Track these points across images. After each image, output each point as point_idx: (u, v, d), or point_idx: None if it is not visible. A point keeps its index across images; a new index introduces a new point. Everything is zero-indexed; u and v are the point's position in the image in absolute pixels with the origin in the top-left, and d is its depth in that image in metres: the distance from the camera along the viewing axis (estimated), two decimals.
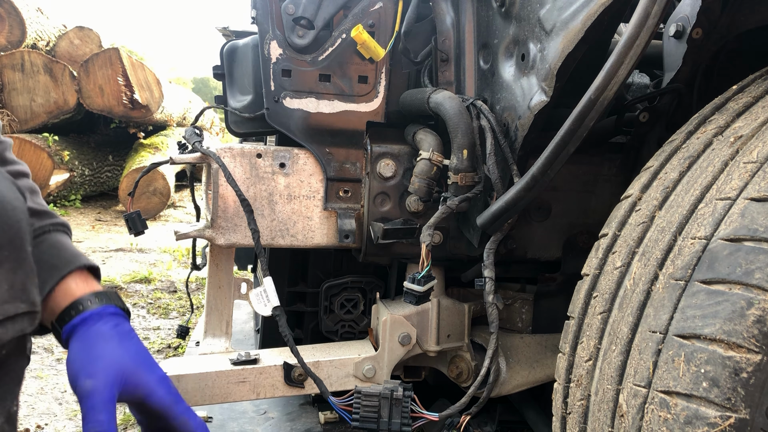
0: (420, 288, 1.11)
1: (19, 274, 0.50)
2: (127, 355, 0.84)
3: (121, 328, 0.87)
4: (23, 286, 0.50)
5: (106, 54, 5.61)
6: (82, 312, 0.84)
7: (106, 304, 0.87)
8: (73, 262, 0.87)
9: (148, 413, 0.87)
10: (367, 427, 1.11)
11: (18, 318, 0.49)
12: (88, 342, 0.83)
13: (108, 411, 0.79)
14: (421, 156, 1.18)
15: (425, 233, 1.13)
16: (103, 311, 0.86)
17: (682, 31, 1.07)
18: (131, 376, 0.83)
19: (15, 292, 0.48)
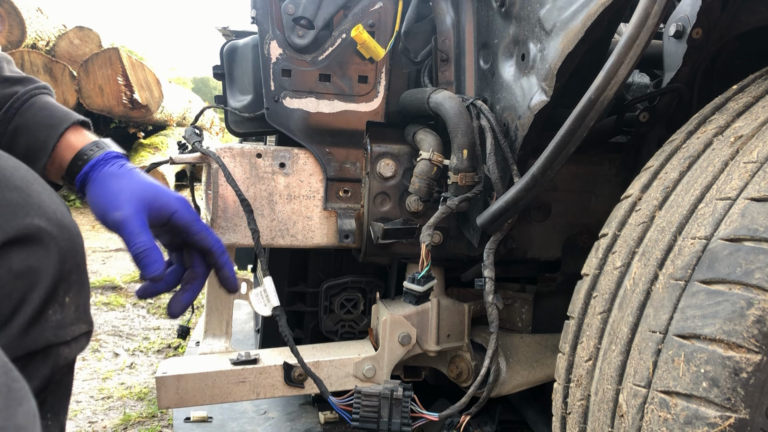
0: (420, 288, 1.11)
1: (83, 296, 0.52)
2: (144, 185, 0.92)
3: (127, 166, 0.94)
4: (85, 307, 0.53)
5: (105, 54, 5.61)
6: (89, 160, 0.91)
7: (108, 150, 0.94)
8: (67, 119, 0.93)
9: (172, 232, 0.97)
10: (367, 427, 1.11)
11: (81, 338, 0.52)
12: (105, 182, 0.91)
13: (146, 232, 0.88)
14: (422, 156, 1.18)
15: (425, 233, 1.13)
16: (107, 155, 0.93)
17: (682, 31, 1.07)
18: (154, 201, 0.91)
19: (80, 314, 0.51)
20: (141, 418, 1.98)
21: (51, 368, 0.48)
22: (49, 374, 0.47)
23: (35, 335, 0.46)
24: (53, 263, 0.47)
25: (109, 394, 2.16)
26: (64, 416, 0.53)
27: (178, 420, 1.71)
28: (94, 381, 2.28)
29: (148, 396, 2.14)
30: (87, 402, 2.09)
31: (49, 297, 0.47)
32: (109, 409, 2.05)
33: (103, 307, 3.10)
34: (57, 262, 0.47)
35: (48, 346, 0.47)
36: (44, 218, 0.47)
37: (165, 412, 2.00)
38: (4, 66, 0.92)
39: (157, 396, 1.20)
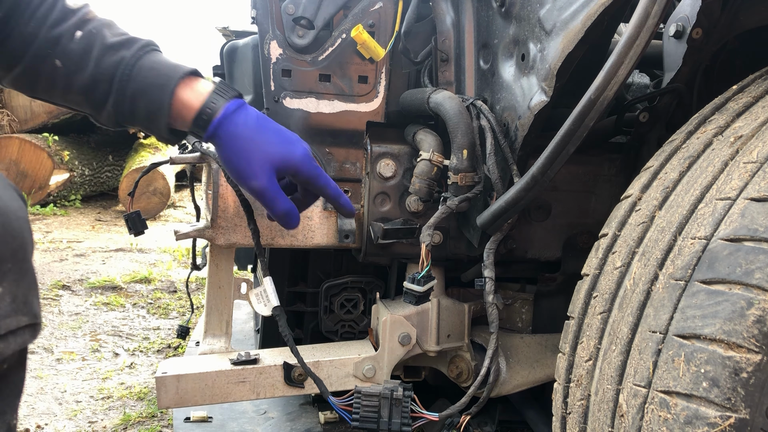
0: (420, 288, 1.11)
1: (22, 287, 0.49)
2: (274, 146, 1.00)
3: (251, 116, 1.00)
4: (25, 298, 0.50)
5: None
6: (212, 119, 0.96)
7: (226, 104, 0.98)
8: (174, 76, 0.96)
9: (299, 182, 1.08)
10: (367, 427, 1.11)
11: (20, 331, 0.48)
12: (235, 146, 0.98)
13: (281, 196, 1.01)
14: (422, 156, 1.18)
15: (425, 233, 1.13)
16: (227, 112, 0.97)
17: (682, 31, 1.07)
18: (282, 164, 1.00)
19: (17, 305, 0.48)
20: (141, 418, 1.98)
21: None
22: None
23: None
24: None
25: (109, 394, 2.17)
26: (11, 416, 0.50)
27: (178, 420, 1.71)
28: (94, 381, 2.28)
29: (148, 396, 2.14)
30: (87, 402, 2.09)
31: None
32: (109, 409, 2.05)
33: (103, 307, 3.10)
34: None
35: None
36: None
37: (165, 412, 2.00)
38: (106, 33, 0.94)
39: (157, 396, 1.20)
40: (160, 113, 0.95)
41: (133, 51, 0.95)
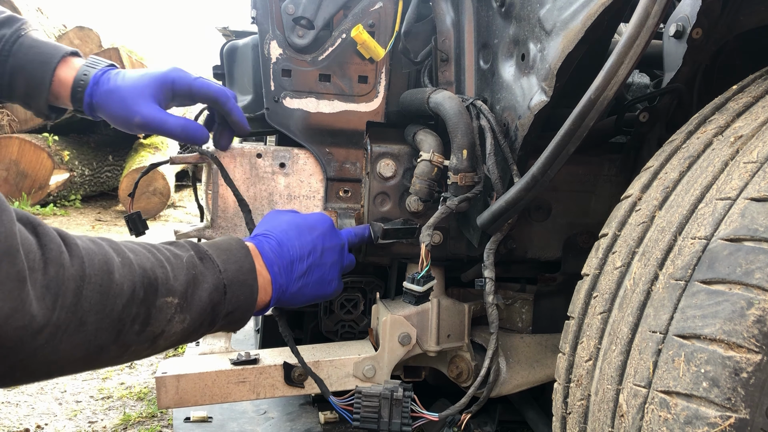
0: (419, 288, 1.11)
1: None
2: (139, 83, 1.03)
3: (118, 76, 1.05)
4: None
5: (106, 54, 5.61)
6: (85, 88, 1.02)
7: (95, 72, 1.04)
8: (56, 54, 1.01)
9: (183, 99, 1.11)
10: (368, 427, 1.11)
11: None
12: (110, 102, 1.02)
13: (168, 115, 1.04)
14: (422, 157, 1.18)
15: (425, 233, 1.13)
16: (95, 78, 1.03)
17: (682, 31, 1.07)
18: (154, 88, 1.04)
19: None
20: (141, 418, 1.98)
21: None
22: None
23: None
24: None
25: (109, 394, 2.16)
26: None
27: (178, 420, 1.71)
28: (94, 381, 2.28)
29: (148, 396, 2.14)
30: (87, 402, 2.09)
31: None
32: (109, 409, 2.05)
33: None
34: None
35: None
36: None
37: (165, 412, 2.00)
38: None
39: (157, 396, 1.20)
40: (41, 89, 1.00)
41: (13, 29, 0.99)
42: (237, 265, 0.94)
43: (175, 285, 0.83)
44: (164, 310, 0.81)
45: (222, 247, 0.95)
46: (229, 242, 0.98)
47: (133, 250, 0.81)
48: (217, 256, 0.92)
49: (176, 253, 0.87)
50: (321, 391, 1.20)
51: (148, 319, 0.79)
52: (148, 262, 0.80)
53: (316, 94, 1.26)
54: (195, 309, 0.86)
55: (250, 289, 0.95)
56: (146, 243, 0.87)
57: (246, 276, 0.95)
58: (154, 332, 0.81)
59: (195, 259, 0.88)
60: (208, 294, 0.88)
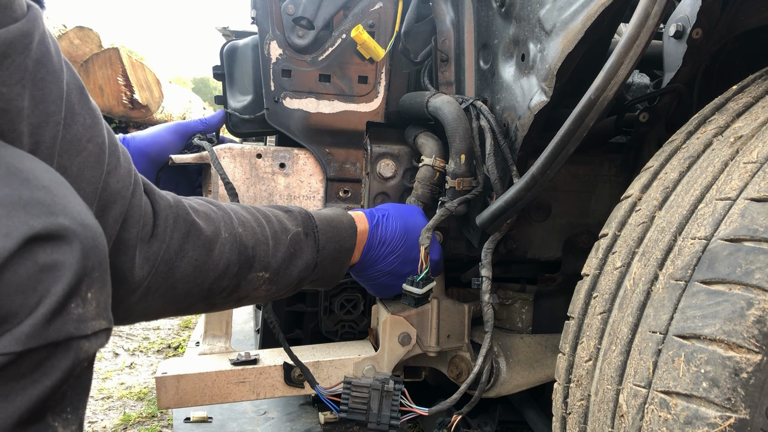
0: (418, 290, 1.11)
1: (104, 294, 0.54)
2: None
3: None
4: (105, 304, 0.55)
5: (106, 54, 5.61)
6: None
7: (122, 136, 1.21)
8: None
9: None
10: (355, 418, 1.09)
11: (100, 333, 0.54)
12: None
13: None
14: (424, 162, 1.18)
15: (424, 235, 1.13)
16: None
17: (682, 31, 1.07)
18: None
19: (100, 310, 0.53)
20: (141, 418, 1.98)
21: (72, 361, 0.49)
22: (69, 366, 0.49)
23: (58, 326, 0.48)
24: (77, 259, 0.49)
25: (109, 394, 2.17)
26: (83, 411, 0.56)
27: (178, 420, 1.71)
28: (95, 381, 2.28)
29: (148, 396, 2.14)
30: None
31: (72, 291, 0.49)
32: (109, 409, 2.05)
33: None
34: (80, 258, 0.49)
35: (69, 338, 0.49)
36: (69, 217, 0.50)
37: (165, 412, 2.00)
38: None
39: (157, 396, 1.20)
40: None
41: None
42: (337, 245, 1.01)
43: (272, 262, 0.91)
44: (254, 282, 0.90)
45: (332, 223, 1.03)
46: (341, 219, 1.04)
47: (244, 223, 0.88)
48: (323, 233, 1.00)
49: (285, 227, 0.95)
50: (308, 381, 1.18)
51: (237, 288, 0.88)
52: (253, 238, 0.88)
53: (316, 95, 1.26)
54: (283, 282, 0.95)
55: (340, 266, 1.03)
56: (265, 211, 0.96)
57: (342, 255, 1.02)
58: (240, 296, 0.91)
59: (300, 236, 0.96)
60: (299, 271, 0.96)
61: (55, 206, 0.49)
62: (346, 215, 1.06)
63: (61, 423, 0.50)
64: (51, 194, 0.49)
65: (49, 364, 0.47)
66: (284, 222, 0.96)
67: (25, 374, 0.46)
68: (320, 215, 1.02)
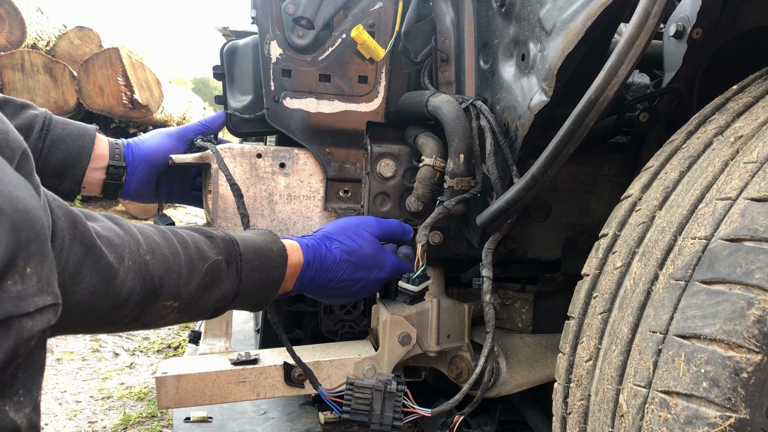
0: (414, 288, 1.11)
1: (45, 268, 0.51)
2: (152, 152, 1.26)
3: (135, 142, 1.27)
4: (48, 279, 0.52)
5: (106, 54, 5.61)
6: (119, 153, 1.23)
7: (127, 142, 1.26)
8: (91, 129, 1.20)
9: None
10: (358, 419, 1.09)
11: (45, 310, 0.51)
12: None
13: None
14: (424, 162, 1.18)
15: (421, 233, 1.13)
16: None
17: (682, 31, 1.07)
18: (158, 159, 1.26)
19: (42, 285, 0.51)
20: (141, 418, 1.98)
21: (14, 341, 0.47)
22: (12, 347, 0.47)
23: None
24: (6, 233, 0.46)
25: (109, 394, 2.17)
26: (37, 393, 0.53)
27: (178, 420, 1.71)
28: (94, 381, 2.28)
29: (148, 396, 2.14)
30: (87, 402, 2.09)
31: (5, 267, 0.46)
32: (109, 409, 2.05)
33: None
34: (10, 231, 0.47)
35: (8, 318, 0.46)
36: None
37: (165, 412, 2.00)
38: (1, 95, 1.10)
39: (157, 396, 1.20)
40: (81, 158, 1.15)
41: (41, 110, 1.13)
42: (264, 274, 0.95)
43: (182, 292, 0.85)
44: (160, 310, 0.83)
45: (259, 252, 0.97)
46: (270, 247, 0.99)
47: (154, 249, 0.82)
48: (247, 262, 0.94)
49: (203, 254, 0.89)
50: (310, 382, 1.18)
51: (140, 315, 0.81)
52: (163, 266, 0.82)
53: (316, 94, 1.26)
54: (195, 311, 0.88)
55: (267, 294, 0.97)
56: (183, 235, 0.89)
57: (268, 284, 0.96)
58: (145, 323, 0.84)
59: (221, 264, 0.90)
60: (215, 301, 0.90)
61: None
62: (277, 243, 1.01)
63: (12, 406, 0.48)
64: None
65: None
66: (203, 249, 0.89)
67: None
68: (247, 243, 0.96)
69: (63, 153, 1.14)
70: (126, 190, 1.24)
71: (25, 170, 0.59)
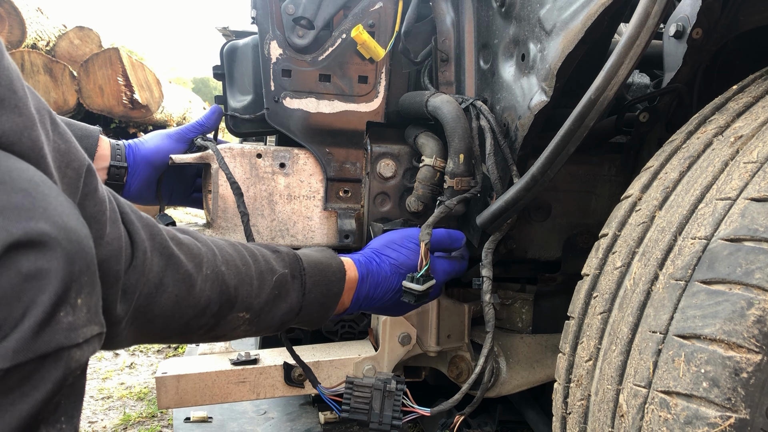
0: (419, 287, 1.11)
1: (93, 297, 0.52)
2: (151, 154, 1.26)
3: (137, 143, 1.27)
4: (96, 308, 0.52)
5: (106, 54, 5.61)
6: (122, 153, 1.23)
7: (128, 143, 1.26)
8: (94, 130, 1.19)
9: None
10: (357, 418, 1.09)
11: (92, 339, 0.51)
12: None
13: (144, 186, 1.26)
14: (424, 162, 1.18)
15: (423, 232, 1.13)
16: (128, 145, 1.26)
17: (682, 31, 1.07)
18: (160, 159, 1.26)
19: (91, 315, 0.51)
20: (141, 418, 1.98)
21: (63, 371, 0.47)
22: (61, 377, 0.47)
23: (47, 338, 0.46)
24: (62, 265, 0.47)
25: (109, 394, 2.16)
26: (77, 419, 0.54)
27: (178, 420, 1.71)
28: (94, 381, 2.28)
29: (148, 396, 2.14)
30: (87, 402, 2.09)
31: (59, 299, 0.47)
32: (109, 409, 2.05)
33: None
34: (65, 263, 0.47)
35: (60, 349, 0.47)
36: (49, 221, 0.47)
37: (165, 412, 2.00)
38: None
39: (157, 396, 1.20)
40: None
41: None
42: (324, 289, 0.97)
43: (254, 303, 0.86)
44: (233, 321, 0.85)
45: (320, 266, 0.98)
46: (330, 263, 1.00)
47: (228, 261, 0.83)
48: (310, 276, 0.95)
49: (272, 267, 0.90)
50: (309, 380, 1.18)
51: (215, 326, 0.83)
52: (236, 277, 0.83)
53: (316, 95, 1.26)
54: (264, 324, 0.90)
55: (326, 310, 0.99)
56: (252, 248, 0.90)
57: (328, 299, 0.98)
58: (218, 335, 0.86)
59: (287, 278, 0.91)
60: (282, 314, 0.91)
61: (34, 210, 0.47)
62: (336, 259, 1.02)
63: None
64: (30, 197, 0.47)
65: (38, 377, 0.46)
66: (271, 262, 0.91)
67: (14, 389, 0.44)
68: (309, 258, 0.98)
69: None
70: (127, 191, 1.24)
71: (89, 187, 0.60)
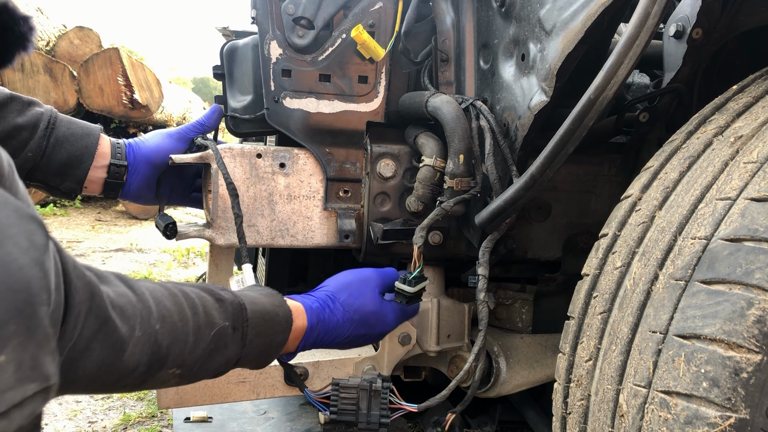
0: (410, 289, 1.11)
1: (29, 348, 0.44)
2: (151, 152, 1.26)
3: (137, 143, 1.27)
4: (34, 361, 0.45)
5: (106, 54, 5.61)
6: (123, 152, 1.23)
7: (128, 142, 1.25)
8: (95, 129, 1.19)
9: None
10: (345, 419, 1.09)
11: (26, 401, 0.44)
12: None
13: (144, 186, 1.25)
14: (424, 162, 1.18)
15: (418, 234, 1.13)
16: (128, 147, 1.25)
17: (682, 31, 1.07)
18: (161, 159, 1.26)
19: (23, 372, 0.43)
20: (141, 418, 1.98)
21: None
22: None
23: None
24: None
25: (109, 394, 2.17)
26: None
27: (178, 420, 1.71)
28: None
29: (148, 396, 2.14)
30: (87, 402, 2.09)
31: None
32: (109, 409, 2.05)
33: None
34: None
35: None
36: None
37: (165, 412, 2.00)
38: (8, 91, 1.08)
39: (157, 396, 1.20)
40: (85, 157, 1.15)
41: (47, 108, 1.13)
42: (267, 339, 0.94)
43: (187, 359, 0.83)
44: (162, 377, 0.82)
45: (266, 317, 0.95)
46: (277, 312, 0.97)
47: (165, 317, 0.79)
48: (253, 327, 0.92)
49: (211, 320, 0.86)
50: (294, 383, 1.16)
51: (142, 384, 0.80)
52: (171, 335, 0.80)
53: (316, 94, 1.26)
54: (196, 377, 0.87)
55: (266, 358, 0.97)
56: (194, 299, 0.86)
57: (270, 349, 0.96)
58: (143, 388, 0.83)
59: (227, 330, 0.88)
60: (217, 366, 0.89)
61: None
62: (283, 307, 0.99)
63: None
64: None
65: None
66: (212, 314, 0.87)
67: None
68: (255, 306, 0.94)
69: (66, 152, 1.13)
70: (126, 190, 1.24)
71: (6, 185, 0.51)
